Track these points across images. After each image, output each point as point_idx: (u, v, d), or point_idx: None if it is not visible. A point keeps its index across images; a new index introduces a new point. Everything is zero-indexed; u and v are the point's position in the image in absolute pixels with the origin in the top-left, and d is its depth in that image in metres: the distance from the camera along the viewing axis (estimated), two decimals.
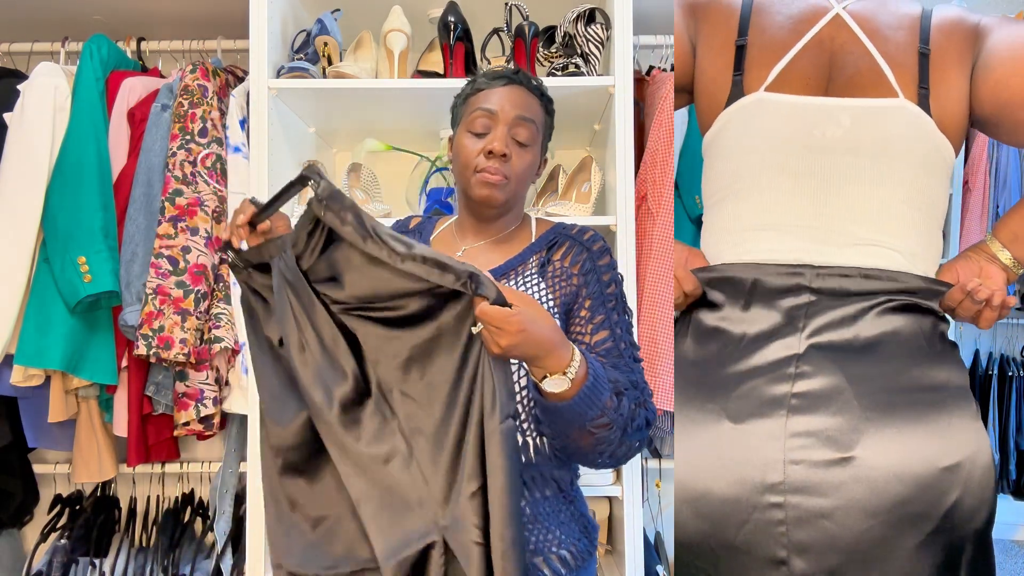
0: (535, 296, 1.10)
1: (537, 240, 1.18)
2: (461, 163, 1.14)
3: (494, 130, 1.12)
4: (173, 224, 1.75)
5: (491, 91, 1.14)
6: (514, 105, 1.13)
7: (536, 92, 1.18)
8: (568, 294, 1.11)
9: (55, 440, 1.95)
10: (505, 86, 1.14)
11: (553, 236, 1.17)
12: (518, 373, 1.06)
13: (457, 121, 1.19)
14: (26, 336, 1.72)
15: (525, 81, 1.17)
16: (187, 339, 1.72)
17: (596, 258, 1.14)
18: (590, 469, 1.15)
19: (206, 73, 1.86)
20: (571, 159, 2.10)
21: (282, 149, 1.82)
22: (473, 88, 1.17)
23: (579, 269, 1.12)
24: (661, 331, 1.72)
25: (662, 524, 2.16)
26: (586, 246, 1.15)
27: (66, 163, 1.76)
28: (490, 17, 1.93)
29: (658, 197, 1.82)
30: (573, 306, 1.11)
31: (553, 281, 1.12)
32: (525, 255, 1.16)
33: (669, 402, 1.70)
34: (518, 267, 1.14)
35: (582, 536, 1.11)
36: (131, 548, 2.07)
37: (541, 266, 1.14)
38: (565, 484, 1.12)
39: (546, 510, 1.08)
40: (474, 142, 1.13)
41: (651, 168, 1.84)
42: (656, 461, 2.01)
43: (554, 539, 1.07)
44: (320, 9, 1.89)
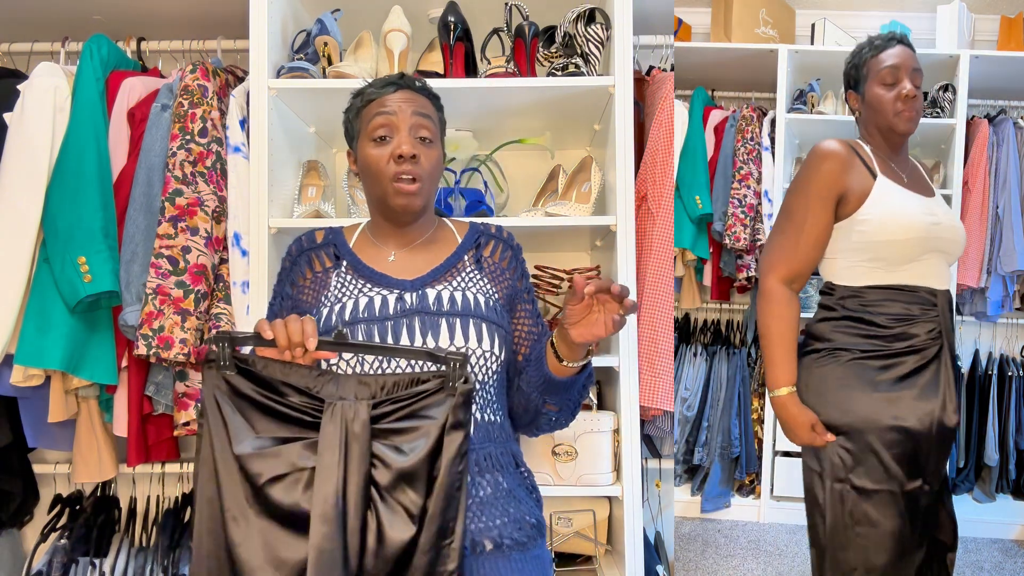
0: (480, 288, 1.19)
1: (464, 239, 1.25)
2: (372, 174, 1.15)
3: (397, 134, 1.14)
4: (173, 224, 1.75)
5: (383, 98, 1.16)
6: (409, 104, 1.16)
7: (424, 92, 1.20)
8: (507, 288, 1.22)
9: (55, 440, 1.94)
10: (395, 92, 1.17)
11: (477, 234, 1.25)
12: (486, 361, 1.13)
13: (354, 135, 1.20)
14: (26, 336, 1.72)
15: (411, 83, 1.19)
16: (187, 339, 1.72)
17: (518, 254, 1.27)
18: (589, 470, 1.19)
19: (206, 73, 1.86)
20: (571, 159, 2.10)
21: (282, 149, 1.82)
22: (363, 100, 1.18)
23: (507, 264, 1.24)
24: (661, 331, 1.72)
25: (662, 524, 2.16)
26: (509, 244, 1.26)
27: (66, 163, 1.76)
28: (490, 17, 1.93)
29: (658, 197, 1.82)
30: (515, 300, 1.23)
31: (492, 275, 1.22)
32: (459, 253, 1.22)
33: (669, 402, 1.70)
34: (456, 265, 1.21)
35: (537, 507, 1.18)
36: (131, 548, 2.07)
37: (476, 262, 1.22)
38: (520, 459, 1.19)
39: (510, 484, 1.13)
40: (380, 150, 1.14)
41: (651, 168, 1.84)
42: (656, 461, 2.01)
43: (526, 509, 1.13)
44: (320, 9, 1.89)
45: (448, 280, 1.18)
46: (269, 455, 0.91)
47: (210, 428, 0.92)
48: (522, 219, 1.77)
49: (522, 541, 1.10)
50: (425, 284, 1.16)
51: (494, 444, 1.13)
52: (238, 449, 0.91)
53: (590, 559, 1.93)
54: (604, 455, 1.75)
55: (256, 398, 0.94)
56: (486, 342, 1.12)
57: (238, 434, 0.92)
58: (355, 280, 1.16)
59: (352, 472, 0.90)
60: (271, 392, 0.94)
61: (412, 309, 1.11)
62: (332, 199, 1.95)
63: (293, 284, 1.21)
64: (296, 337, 0.93)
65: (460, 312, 1.12)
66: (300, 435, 0.93)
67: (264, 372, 0.95)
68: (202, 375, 0.94)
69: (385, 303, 1.12)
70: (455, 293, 1.15)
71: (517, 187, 2.14)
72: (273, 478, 0.90)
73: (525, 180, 2.17)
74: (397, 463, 0.91)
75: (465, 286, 1.17)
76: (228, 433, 0.92)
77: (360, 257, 1.19)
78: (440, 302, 1.13)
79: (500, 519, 1.09)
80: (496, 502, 1.10)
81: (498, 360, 1.14)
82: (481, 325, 1.12)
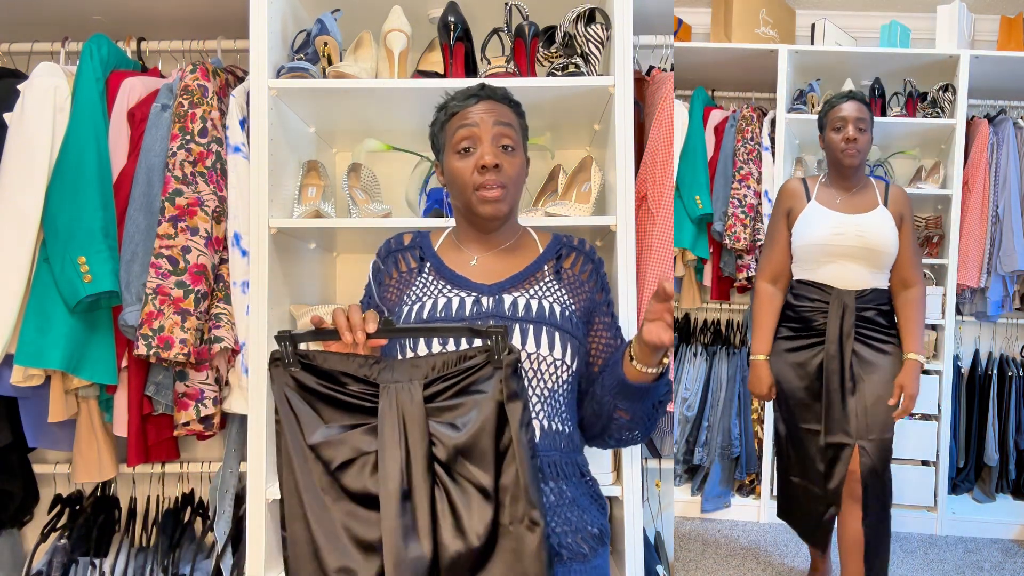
0: (557, 299, 1.20)
1: (546, 250, 1.27)
2: (459, 185, 1.18)
3: (480, 144, 1.17)
4: (173, 224, 1.75)
5: (465, 110, 1.19)
6: (490, 114, 1.18)
7: (505, 101, 1.23)
8: (585, 300, 1.24)
9: (55, 440, 1.94)
10: (477, 103, 1.19)
11: (559, 246, 1.28)
12: (556, 369, 1.14)
13: (441, 148, 1.23)
14: (26, 336, 1.72)
15: (492, 93, 1.22)
16: (187, 339, 1.72)
17: (599, 268, 1.28)
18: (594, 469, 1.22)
19: (206, 73, 1.85)
20: (571, 159, 2.10)
21: (282, 149, 1.82)
22: (447, 113, 1.21)
23: (587, 277, 1.26)
24: None
25: (662, 524, 2.16)
26: (590, 257, 1.28)
27: (66, 163, 1.76)
28: (490, 17, 1.93)
29: (658, 197, 1.82)
30: (593, 313, 1.25)
31: (570, 287, 1.24)
32: (539, 263, 1.24)
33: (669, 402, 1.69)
34: (536, 274, 1.23)
35: (601, 514, 1.20)
36: (131, 548, 2.07)
37: (556, 273, 1.24)
38: (585, 469, 1.21)
39: (574, 493, 1.15)
40: (464, 161, 1.17)
41: (651, 168, 1.84)
42: (656, 461, 2.01)
43: (589, 518, 1.15)
44: (320, 9, 1.89)
45: (526, 288, 1.20)
46: (336, 442, 0.96)
47: (284, 424, 0.97)
48: (522, 219, 1.77)
49: (583, 552, 1.12)
50: (503, 289, 1.19)
51: (559, 453, 1.15)
52: (311, 439, 0.96)
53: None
54: (604, 455, 1.75)
55: (320, 390, 0.98)
56: (558, 350, 1.13)
57: (309, 425, 0.97)
58: (437, 281, 1.20)
59: (413, 451, 0.94)
60: (333, 383, 0.99)
61: (487, 312, 1.14)
62: (332, 199, 1.95)
63: (380, 284, 1.25)
64: (357, 322, 0.98)
65: (534, 319, 1.14)
66: (362, 421, 0.98)
67: (325, 365, 0.99)
68: (269, 375, 1.00)
69: (462, 304, 1.15)
70: (531, 301, 1.17)
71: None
72: (342, 464, 0.95)
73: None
74: (452, 439, 0.94)
75: (542, 295, 1.19)
76: (300, 426, 0.97)
77: (443, 260, 1.23)
78: (516, 308, 1.15)
79: (562, 527, 1.11)
80: (559, 510, 1.12)
81: (569, 370, 1.16)
82: (554, 333, 1.14)
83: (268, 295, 1.71)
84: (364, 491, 0.94)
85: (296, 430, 0.97)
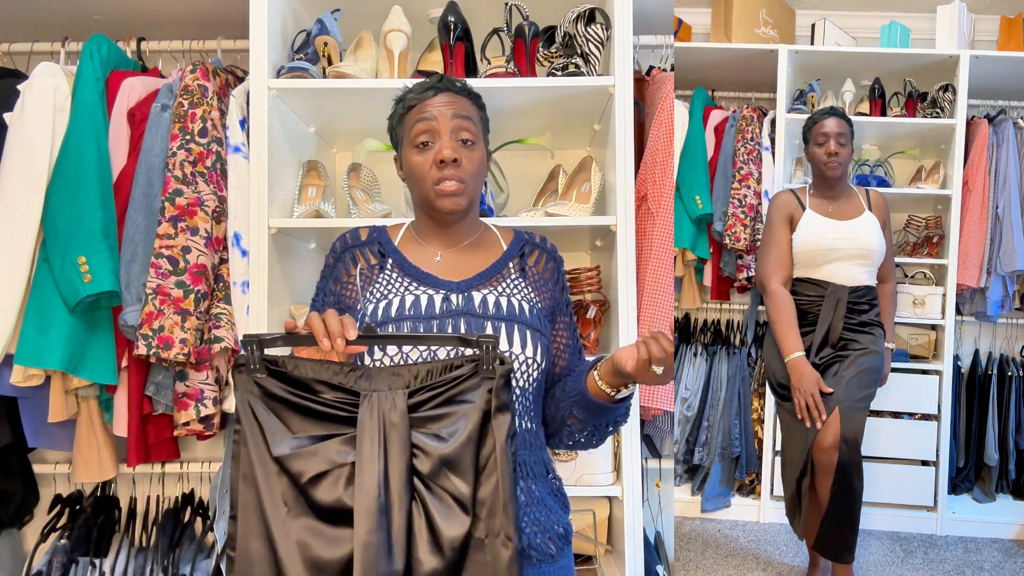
0: (524, 296, 1.20)
1: (510, 247, 1.26)
2: (417, 180, 1.17)
3: (439, 139, 1.15)
4: (173, 224, 1.75)
5: (423, 103, 1.17)
6: (449, 107, 1.16)
7: (464, 93, 1.21)
8: (549, 299, 1.24)
9: (55, 440, 1.94)
10: (435, 95, 1.17)
11: (522, 243, 1.27)
12: (528, 367, 1.13)
13: (399, 142, 1.22)
14: (26, 336, 1.72)
15: (450, 85, 1.20)
16: (187, 339, 1.72)
17: (560, 266, 1.28)
18: (589, 470, 1.20)
19: (206, 73, 1.85)
20: (571, 159, 2.10)
21: (282, 149, 1.82)
22: (404, 106, 1.19)
23: (550, 276, 1.26)
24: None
25: (662, 524, 2.16)
26: (552, 255, 1.28)
27: (66, 163, 1.76)
28: (490, 17, 1.93)
29: (658, 197, 1.82)
30: (555, 312, 1.24)
31: (535, 285, 1.24)
32: (504, 260, 1.23)
33: (669, 402, 1.70)
34: (502, 271, 1.22)
35: (564, 513, 1.19)
36: (131, 548, 2.07)
37: (521, 271, 1.24)
38: (550, 466, 1.21)
39: (541, 492, 1.14)
40: (423, 155, 1.15)
41: (651, 168, 1.84)
42: (656, 461, 2.01)
43: (555, 518, 1.14)
44: (320, 9, 1.89)
45: (493, 285, 1.19)
46: (307, 454, 0.90)
47: (247, 434, 0.91)
48: (522, 219, 1.77)
49: (551, 553, 1.11)
50: (471, 287, 1.17)
51: (528, 451, 1.15)
52: (277, 451, 0.90)
53: (590, 559, 1.93)
54: (604, 455, 1.75)
55: (289, 399, 0.93)
56: (529, 348, 1.13)
57: (275, 436, 0.91)
58: (401, 278, 1.18)
59: (393, 463, 0.89)
60: (304, 391, 0.94)
61: (458, 310, 1.12)
62: (332, 199, 1.95)
63: (337, 280, 1.21)
64: (336, 328, 0.92)
65: (505, 317, 1.13)
66: (337, 431, 0.92)
67: (295, 372, 0.94)
68: (233, 381, 0.94)
69: (431, 302, 1.13)
70: (500, 298, 1.16)
71: (517, 187, 2.13)
72: (315, 477, 0.89)
73: (525, 180, 2.17)
74: (438, 450, 0.90)
75: (510, 292, 1.19)
76: (264, 436, 0.91)
77: (406, 256, 1.20)
78: (486, 306, 1.14)
79: (531, 527, 1.10)
80: (528, 509, 1.11)
81: (539, 368, 1.15)
82: (525, 331, 1.13)
83: (268, 295, 1.71)
84: (338, 504, 0.88)
85: (260, 441, 0.90)
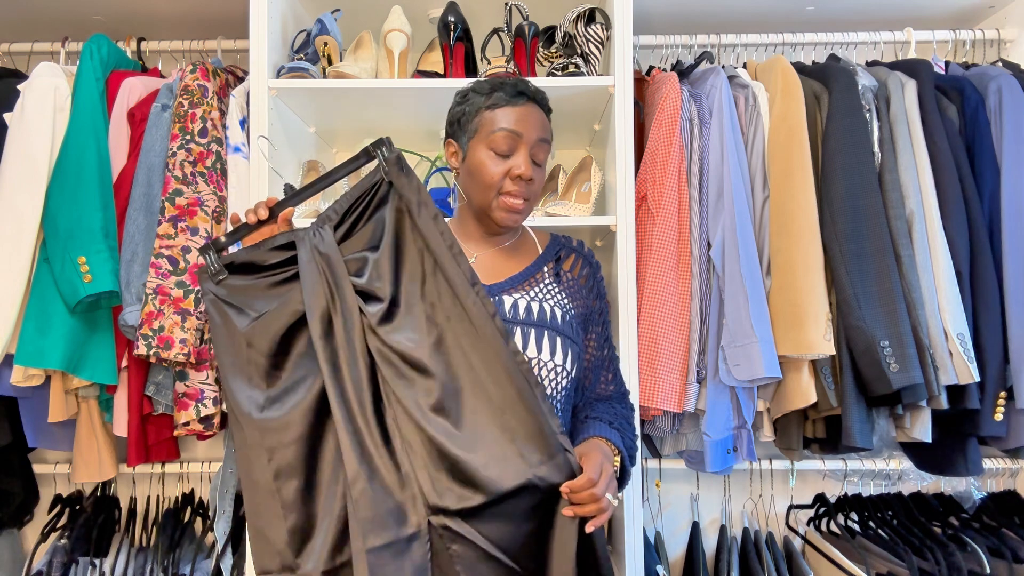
0: (557, 302, 1.17)
1: (545, 250, 1.24)
2: (483, 182, 1.15)
3: (518, 153, 1.13)
4: (173, 224, 1.75)
5: (512, 109, 1.14)
6: (535, 127, 1.15)
7: (546, 110, 1.20)
8: (583, 306, 1.22)
9: (55, 440, 1.94)
10: (525, 105, 1.15)
11: (558, 247, 1.25)
12: (556, 375, 1.13)
13: (468, 133, 1.17)
14: (26, 336, 1.72)
15: (541, 101, 1.19)
16: (187, 339, 1.72)
17: (597, 272, 1.26)
18: None
19: (206, 73, 1.86)
20: (571, 159, 2.10)
21: (282, 149, 1.82)
22: (490, 103, 1.15)
23: (586, 282, 1.23)
24: (661, 331, 1.72)
25: (662, 524, 2.16)
26: (588, 260, 1.26)
27: (66, 163, 1.76)
28: (490, 17, 1.93)
29: (658, 197, 1.82)
30: (588, 320, 1.22)
31: (569, 291, 1.21)
32: (538, 264, 1.22)
33: (669, 402, 1.69)
34: (535, 275, 1.20)
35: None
36: (131, 548, 2.07)
37: (556, 275, 1.22)
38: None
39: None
40: (497, 163, 1.13)
41: (651, 168, 1.84)
42: (656, 461, 2.01)
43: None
44: (320, 9, 1.89)
45: (526, 289, 1.17)
46: (271, 314, 1.06)
47: (219, 331, 1.08)
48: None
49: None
50: (503, 291, 1.16)
51: None
52: (244, 328, 1.06)
53: None
54: None
55: (255, 284, 1.09)
56: (558, 356, 1.11)
57: (240, 319, 1.07)
58: None
59: (338, 288, 1.04)
60: (260, 271, 1.10)
61: None
62: (332, 199, 1.95)
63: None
64: (258, 203, 1.11)
65: (535, 323, 1.12)
66: (291, 285, 1.08)
67: (246, 257, 1.10)
68: (200, 288, 1.11)
69: None
70: (532, 303, 1.15)
71: None
72: (286, 336, 1.06)
73: None
74: (364, 268, 1.06)
75: (543, 297, 1.17)
76: (233, 325, 1.07)
77: None
78: (516, 310, 1.13)
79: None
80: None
81: (568, 376, 1.13)
82: (555, 338, 1.12)
83: None
84: (304, 353, 1.04)
85: (233, 329, 1.06)
